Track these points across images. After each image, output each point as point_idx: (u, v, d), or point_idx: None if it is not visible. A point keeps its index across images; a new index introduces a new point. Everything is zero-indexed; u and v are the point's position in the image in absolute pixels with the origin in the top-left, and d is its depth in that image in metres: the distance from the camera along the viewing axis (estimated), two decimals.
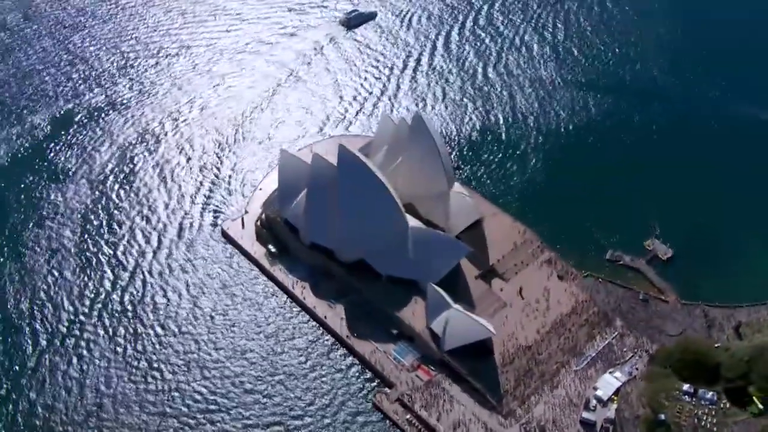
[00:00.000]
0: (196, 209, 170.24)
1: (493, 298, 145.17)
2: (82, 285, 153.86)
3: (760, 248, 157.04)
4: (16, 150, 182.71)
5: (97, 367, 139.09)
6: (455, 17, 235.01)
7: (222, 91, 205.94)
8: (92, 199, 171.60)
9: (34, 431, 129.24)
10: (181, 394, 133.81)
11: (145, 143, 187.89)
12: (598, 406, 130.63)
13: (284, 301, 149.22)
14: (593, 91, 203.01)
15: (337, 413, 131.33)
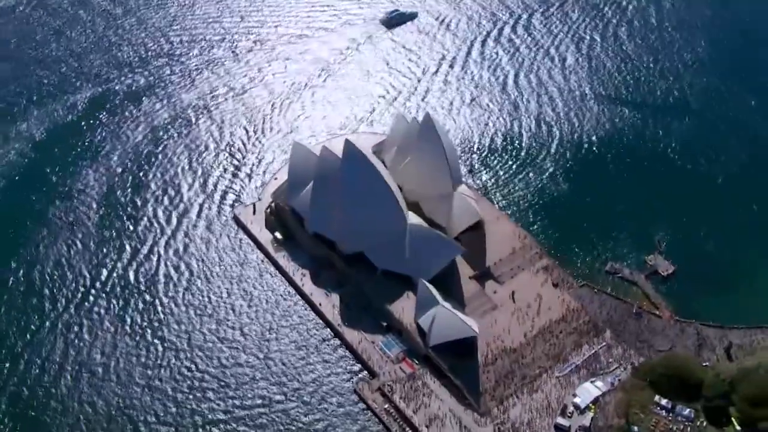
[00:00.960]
0: (217, 193, 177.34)
1: (484, 299, 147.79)
2: (101, 256, 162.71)
3: (766, 273, 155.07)
4: (54, 126, 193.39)
5: (104, 332, 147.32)
6: (494, 23, 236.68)
7: (256, 81, 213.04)
8: (120, 176, 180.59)
9: (42, 388, 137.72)
10: (172, 368, 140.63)
11: (177, 127, 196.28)
12: (575, 413, 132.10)
13: (284, 287, 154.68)
14: (621, 105, 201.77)
15: (320, 397, 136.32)
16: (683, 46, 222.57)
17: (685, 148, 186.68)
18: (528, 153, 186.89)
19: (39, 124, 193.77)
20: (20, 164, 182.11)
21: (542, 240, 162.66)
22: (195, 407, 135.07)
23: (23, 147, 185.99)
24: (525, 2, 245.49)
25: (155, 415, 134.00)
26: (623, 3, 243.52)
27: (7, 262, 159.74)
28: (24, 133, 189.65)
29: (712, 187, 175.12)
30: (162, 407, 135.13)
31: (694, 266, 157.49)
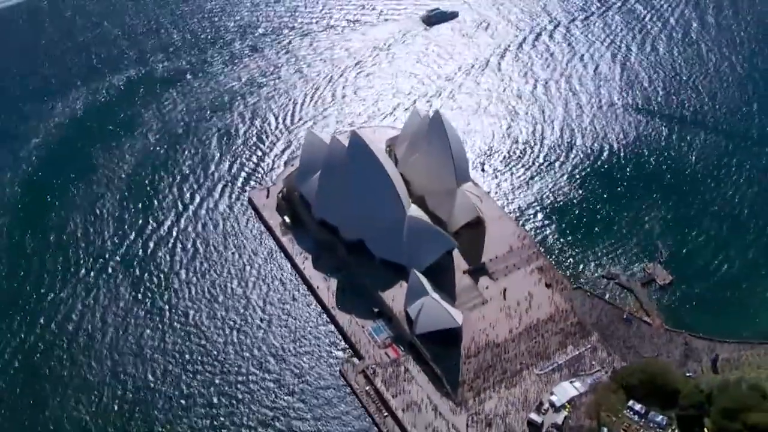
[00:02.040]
0: (240, 176, 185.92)
1: (475, 293, 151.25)
2: (123, 228, 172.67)
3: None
4: (95, 102, 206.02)
5: (118, 299, 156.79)
6: (533, 27, 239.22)
7: (293, 71, 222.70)
8: (149, 154, 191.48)
9: (47, 345, 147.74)
10: (173, 336, 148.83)
11: (211, 110, 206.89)
12: (550, 411, 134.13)
13: (288, 269, 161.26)
14: (648, 116, 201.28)
15: (306, 374, 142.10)
16: (720, 63, 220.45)
17: (705, 165, 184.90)
18: (546, 158, 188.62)
19: (81, 100, 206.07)
20: (59, 136, 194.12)
21: (544, 242, 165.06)
22: (191, 373, 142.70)
23: (63, 121, 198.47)
24: (566, 9, 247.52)
25: (154, 377, 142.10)
26: (666, 14, 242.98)
27: (36, 228, 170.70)
28: (65, 108, 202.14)
29: (725, 207, 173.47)
30: (162, 372, 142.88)
31: (693, 279, 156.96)
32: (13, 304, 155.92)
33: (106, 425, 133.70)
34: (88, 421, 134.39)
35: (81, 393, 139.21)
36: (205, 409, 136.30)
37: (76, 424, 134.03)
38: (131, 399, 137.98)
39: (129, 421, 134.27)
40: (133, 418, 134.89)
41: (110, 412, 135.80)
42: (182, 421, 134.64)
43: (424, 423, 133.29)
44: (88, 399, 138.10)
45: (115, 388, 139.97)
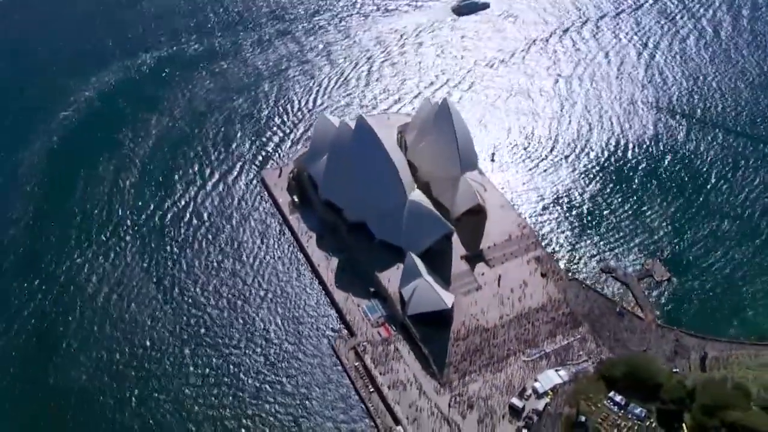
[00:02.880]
0: (259, 155, 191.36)
1: (470, 279, 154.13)
2: (140, 196, 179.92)
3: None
4: (125, 78, 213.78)
5: (126, 266, 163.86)
6: (561, 23, 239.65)
7: (321, 56, 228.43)
8: (173, 129, 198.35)
9: (61, 306, 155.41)
10: (177, 303, 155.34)
11: (236, 90, 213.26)
12: (533, 397, 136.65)
13: (292, 246, 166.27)
14: (668, 115, 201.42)
15: (300, 346, 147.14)
16: (748, 65, 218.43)
17: (720, 168, 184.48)
18: (558, 152, 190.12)
19: (112, 75, 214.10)
20: (88, 110, 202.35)
21: (546, 233, 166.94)
22: (192, 338, 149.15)
23: (92, 95, 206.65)
24: (597, 5, 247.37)
25: (159, 341, 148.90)
26: (698, 15, 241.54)
27: (60, 195, 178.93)
28: (96, 83, 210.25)
29: (736, 210, 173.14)
30: (166, 336, 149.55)
31: (692, 278, 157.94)
32: (33, 267, 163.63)
33: (108, 381, 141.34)
34: (92, 375, 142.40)
35: (88, 351, 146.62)
36: (201, 370, 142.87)
37: (80, 378, 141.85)
38: (135, 359, 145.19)
39: (131, 378, 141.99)
40: (137, 376, 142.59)
41: (113, 370, 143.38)
42: (178, 380, 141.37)
43: (408, 401, 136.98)
44: (94, 357, 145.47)
45: (120, 349, 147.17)
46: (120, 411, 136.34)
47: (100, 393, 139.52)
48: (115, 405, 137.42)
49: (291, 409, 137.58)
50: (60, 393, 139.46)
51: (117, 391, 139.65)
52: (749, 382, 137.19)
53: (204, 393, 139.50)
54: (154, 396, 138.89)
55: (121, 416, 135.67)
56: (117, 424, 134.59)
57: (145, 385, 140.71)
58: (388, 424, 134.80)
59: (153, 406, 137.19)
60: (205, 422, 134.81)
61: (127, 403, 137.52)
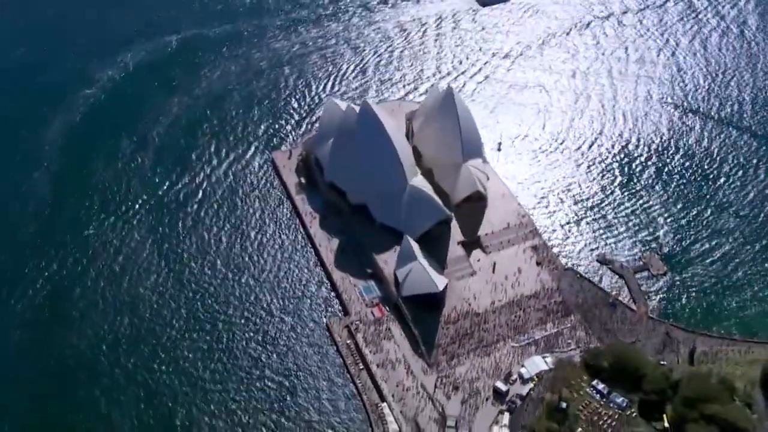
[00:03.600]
0: (272, 137, 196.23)
1: (465, 264, 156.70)
2: (155, 173, 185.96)
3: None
4: (147, 59, 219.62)
5: (137, 236, 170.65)
6: (585, 16, 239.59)
7: (340, 42, 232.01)
8: (191, 110, 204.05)
9: (75, 274, 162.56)
10: (182, 276, 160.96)
11: (255, 74, 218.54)
12: (518, 382, 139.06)
13: (296, 226, 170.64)
14: (683, 113, 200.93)
15: (296, 322, 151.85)
16: None
17: (732, 167, 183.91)
18: (567, 144, 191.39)
19: (135, 56, 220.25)
20: (110, 89, 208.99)
21: (546, 223, 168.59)
22: (196, 305, 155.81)
23: (115, 75, 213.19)
24: (625, 2, 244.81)
25: (167, 310, 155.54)
26: (724, 12, 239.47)
27: (79, 170, 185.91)
28: (119, 64, 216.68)
29: (743, 210, 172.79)
30: (173, 305, 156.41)
31: (690, 274, 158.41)
32: (51, 238, 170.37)
33: (110, 347, 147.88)
34: (95, 341, 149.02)
35: (94, 319, 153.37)
36: (200, 340, 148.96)
37: (84, 343, 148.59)
38: (139, 328, 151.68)
39: (132, 345, 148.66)
40: (138, 343, 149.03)
41: (116, 337, 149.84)
42: (182, 344, 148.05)
43: (396, 380, 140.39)
44: (98, 324, 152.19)
45: (123, 318, 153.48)
46: (121, 375, 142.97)
47: (101, 357, 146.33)
48: (116, 369, 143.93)
49: (281, 382, 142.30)
50: (65, 357, 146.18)
51: (118, 356, 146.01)
52: (737, 377, 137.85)
53: (201, 362, 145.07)
54: (154, 362, 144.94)
55: (121, 379, 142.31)
56: (118, 387, 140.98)
57: (146, 352, 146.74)
58: (374, 400, 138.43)
59: (153, 372, 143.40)
60: (200, 389, 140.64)
61: (126, 368, 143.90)
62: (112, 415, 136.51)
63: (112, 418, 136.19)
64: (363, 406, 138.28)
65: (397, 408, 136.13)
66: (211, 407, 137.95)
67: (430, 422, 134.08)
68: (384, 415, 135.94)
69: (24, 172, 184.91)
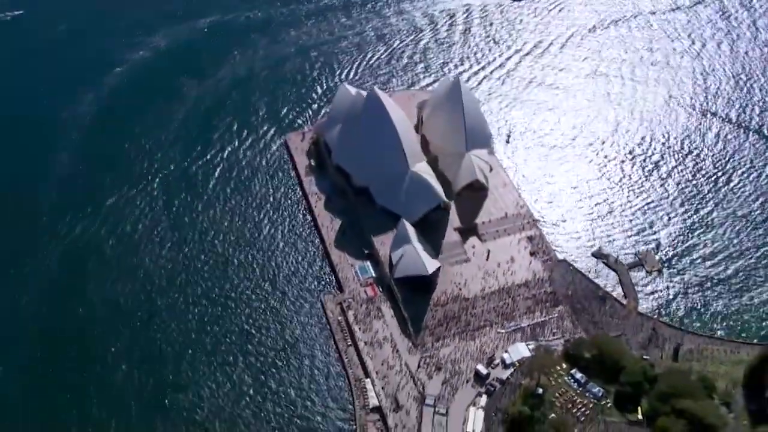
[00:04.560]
0: (288, 119, 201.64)
1: (460, 250, 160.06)
2: (176, 150, 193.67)
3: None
4: (177, 42, 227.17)
5: (157, 207, 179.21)
6: (610, 15, 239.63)
7: (371, 30, 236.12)
8: (213, 92, 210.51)
9: (95, 240, 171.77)
10: (192, 247, 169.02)
11: (276, 59, 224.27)
12: (500, 366, 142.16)
13: (302, 207, 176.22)
14: (701, 115, 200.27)
15: (290, 296, 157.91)
16: None
17: (744, 172, 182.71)
18: (577, 140, 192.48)
19: (165, 38, 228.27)
20: (140, 68, 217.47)
21: (546, 215, 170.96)
22: (201, 275, 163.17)
23: (146, 55, 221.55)
24: (655, 1, 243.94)
25: (175, 276, 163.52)
26: (756, 15, 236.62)
27: (103, 144, 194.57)
28: (150, 44, 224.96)
29: (750, 215, 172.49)
30: (181, 273, 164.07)
31: (683, 273, 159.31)
32: (72, 205, 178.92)
33: (122, 308, 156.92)
34: (120, 302, 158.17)
35: (114, 281, 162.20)
36: (201, 308, 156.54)
37: (110, 302, 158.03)
38: (152, 290, 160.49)
39: (142, 307, 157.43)
40: (147, 305, 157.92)
41: (132, 298, 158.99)
42: (187, 317, 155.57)
43: (381, 358, 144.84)
44: (118, 287, 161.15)
45: (140, 281, 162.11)
46: (129, 335, 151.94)
47: (113, 318, 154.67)
48: (125, 329, 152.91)
49: (272, 353, 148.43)
50: (80, 316, 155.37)
51: (128, 318, 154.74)
52: (719, 376, 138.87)
53: (202, 328, 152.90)
54: (161, 325, 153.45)
55: (129, 339, 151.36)
56: (127, 346, 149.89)
57: (153, 315, 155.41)
58: (358, 375, 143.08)
59: (158, 333, 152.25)
60: (198, 349, 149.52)
61: (135, 329, 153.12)
62: (116, 375, 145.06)
63: (115, 377, 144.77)
64: (347, 380, 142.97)
65: (380, 384, 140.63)
66: (206, 369, 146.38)
67: (409, 399, 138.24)
68: (366, 390, 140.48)
69: (53, 143, 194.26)
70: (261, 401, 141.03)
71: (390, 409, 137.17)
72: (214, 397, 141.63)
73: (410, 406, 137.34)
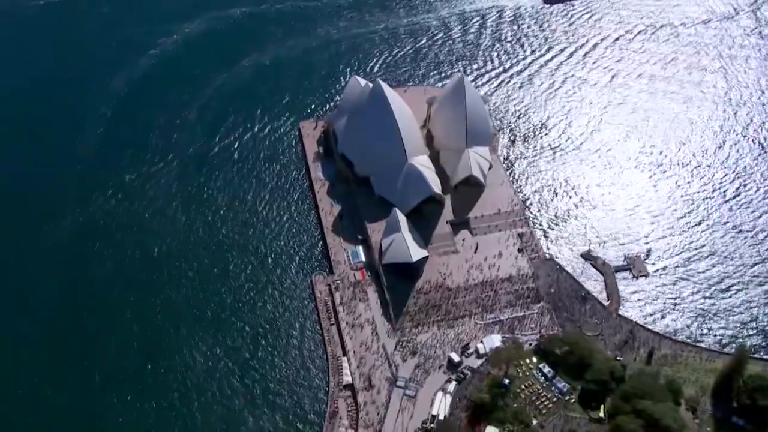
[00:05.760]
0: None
1: (449, 242, 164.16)
2: (195, 130, 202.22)
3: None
4: (207, 29, 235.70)
5: (175, 184, 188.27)
6: (637, 24, 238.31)
7: (403, 27, 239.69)
8: (237, 78, 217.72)
9: (111, 213, 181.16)
10: (198, 224, 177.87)
11: (315, 51, 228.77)
12: (473, 356, 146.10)
13: (305, 191, 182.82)
14: (721, 132, 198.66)
15: (283, 274, 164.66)
16: None
17: (753, 188, 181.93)
18: (587, 146, 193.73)
19: (200, 24, 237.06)
20: (171, 51, 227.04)
21: (541, 214, 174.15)
22: (211, 247, 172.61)
23: (179, 38, 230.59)
24: (684, 12, 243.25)
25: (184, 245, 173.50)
26: None
27: (127, 120, 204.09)
28: (185, 30, 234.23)
29: (753, 230, 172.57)
30: (188, 245, 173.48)
31: (671, 280, 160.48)
32: (93, 178, 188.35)
33: (127, 278, 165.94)
34: (114, 272, 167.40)
35: (124, 251, 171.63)
36: (198, 279, 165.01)
37: (116, 270, 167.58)
38: (151, 263, 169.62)
39: (144, 277, 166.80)
40: (149, 274, 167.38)
41: (136, 266, 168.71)
42: (186, 286, 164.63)
43: (360, 339, 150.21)
44: (118, 257, 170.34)
45: (144, 251, 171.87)
46: (133, 299, 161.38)
47: (120, 285, 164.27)
48: (130, 295, 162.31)
49: (258, 326, 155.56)
50: (88, 282, 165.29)
51: (132, 287, 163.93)
52: (690, 382, 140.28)
53: (199, 298, 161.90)
54: (160, 293, 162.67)
55: (133, 303, 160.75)
56: (131, 310, 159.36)
57: (154, 284, 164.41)
58: (337, 354, 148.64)
59: (157, 299, 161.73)
60: (192, 317, 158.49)
61: (138, 295, 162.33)
62: (117, 330, 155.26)
63: (117, 331, 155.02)
64: (326, 358, 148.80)
65: (355, 363, 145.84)
66: (198, 335, 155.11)
67: (381, 380, 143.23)
68: (342, 368, 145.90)
69: (83, 117, 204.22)
70: (243, 370, 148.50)
71: (362, 388, 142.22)
72: (202, 361, 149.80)
73: (381, 386, 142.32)
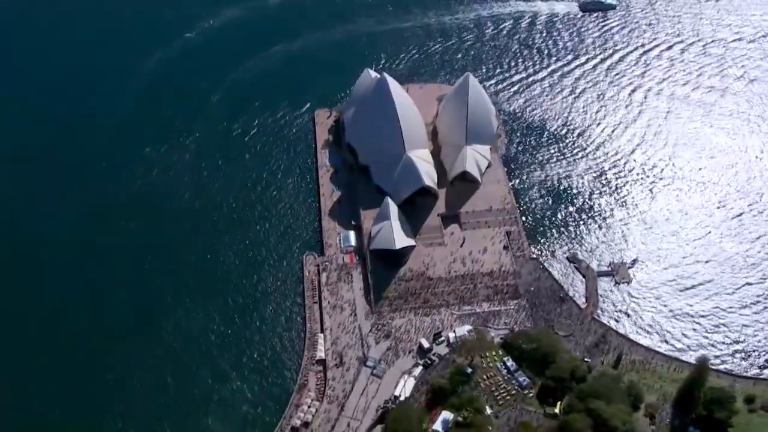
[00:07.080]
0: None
1: (437, 234, 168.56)
2: (216, 113, 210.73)
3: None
4: (242, 17, 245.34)
5: (185, 161, 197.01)
6: (669, 38, 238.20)
7: (434, 27, 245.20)
8: (264, 64, 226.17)
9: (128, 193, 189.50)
10: (206, 199, 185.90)
11: (339, 45, 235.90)
12: (444, 344, 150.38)
13: (311, 176, 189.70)
14: (736, 149, 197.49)
15: (278, 251, 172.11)
16: None
17: (760, 212, 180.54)
18: (596, 153, 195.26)
19: (236, 11, 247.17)
20: (205, 35, 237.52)
21: (533, 214, 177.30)
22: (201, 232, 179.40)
23: (215, 24, 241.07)
24: (716, 29, 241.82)
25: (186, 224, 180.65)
26: None
27: (152, 101, 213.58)
28: (223, 15, 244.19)
29: (744, 251, 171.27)
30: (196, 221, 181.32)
31: (653, 292, 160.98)
32: (112, 153, 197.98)
33: (136, 251, 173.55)
34: (129, 237, 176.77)
35: (134, 219, 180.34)
36: (198, 256, 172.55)
37: (120, 236, 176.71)
38: (161, 229, 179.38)
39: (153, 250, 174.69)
40: (155, 249, 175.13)
41: (146, 235, 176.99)
42: (184, 257, 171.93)
43: (339, 320, 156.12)
44: (136, 224, 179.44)
45: (153, 221, 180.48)
46: (133, 263, 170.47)
47: (130, 256, 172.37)
48: (129, 259, 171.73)
49: (248, 298, 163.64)
50: (102, 244, 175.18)
51: (141, 259, 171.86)
52: (654, 390, 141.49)
53: (195, 267, 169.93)
54: (161, 265, 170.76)
55: (133, 268, 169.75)
56: (131, 270, 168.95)
57: (158, 258, 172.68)
58: (315, 330, 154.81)
59: (156, 265, 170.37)
60: (188, 285, 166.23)
61: (139, 262, 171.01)
62: (115, 293, 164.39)
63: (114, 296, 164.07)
64: (303, 333, 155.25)
65: (330, 341, 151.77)
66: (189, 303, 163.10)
67: (353, 358, 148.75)
68: (317, 344, 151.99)
69: (114, 92, 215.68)
70: (226, 338, 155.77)
71: (333, 364, 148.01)
72: (189, 327, 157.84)
73: (351, 365, 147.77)
